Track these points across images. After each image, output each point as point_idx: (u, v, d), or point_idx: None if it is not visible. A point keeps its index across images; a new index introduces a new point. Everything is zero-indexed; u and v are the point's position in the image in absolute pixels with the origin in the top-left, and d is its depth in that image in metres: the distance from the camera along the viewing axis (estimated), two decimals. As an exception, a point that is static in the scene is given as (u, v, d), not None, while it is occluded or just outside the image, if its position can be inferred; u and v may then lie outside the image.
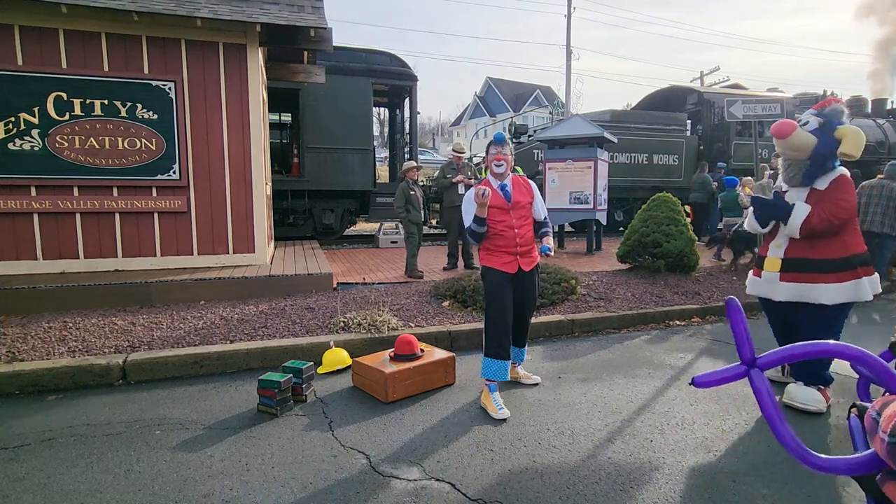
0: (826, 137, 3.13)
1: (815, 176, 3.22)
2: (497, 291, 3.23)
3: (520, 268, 3.27)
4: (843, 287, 3.13)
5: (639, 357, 4.29)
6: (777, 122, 3.27)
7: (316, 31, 6.05)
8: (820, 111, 3.23)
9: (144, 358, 3.75)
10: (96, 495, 2.29)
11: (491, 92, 48.99)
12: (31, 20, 5.18)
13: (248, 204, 6.12)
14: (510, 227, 3.24)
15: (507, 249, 3.25)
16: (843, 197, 3.14)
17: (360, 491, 2.33)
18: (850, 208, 3.15)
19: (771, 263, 3.39)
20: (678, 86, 15.10)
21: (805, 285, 3.20)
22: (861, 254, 3.20)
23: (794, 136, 3.16)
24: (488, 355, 3.26)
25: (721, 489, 2.37)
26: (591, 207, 8.52)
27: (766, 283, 3.41)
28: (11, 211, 5.33)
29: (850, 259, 3.16)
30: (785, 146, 3.24)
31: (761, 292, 3.50)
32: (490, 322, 3.26)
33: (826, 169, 3.20)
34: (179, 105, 5.71)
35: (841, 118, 3.17)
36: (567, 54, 22.82)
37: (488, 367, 3.25)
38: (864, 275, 3.17)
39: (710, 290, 6.09)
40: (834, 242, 3.17)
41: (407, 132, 11.99)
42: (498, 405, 3.15)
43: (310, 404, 3.31)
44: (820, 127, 3.16)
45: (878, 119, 14.51)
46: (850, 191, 3.19)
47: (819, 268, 3.17)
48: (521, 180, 3.41)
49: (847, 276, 3.14)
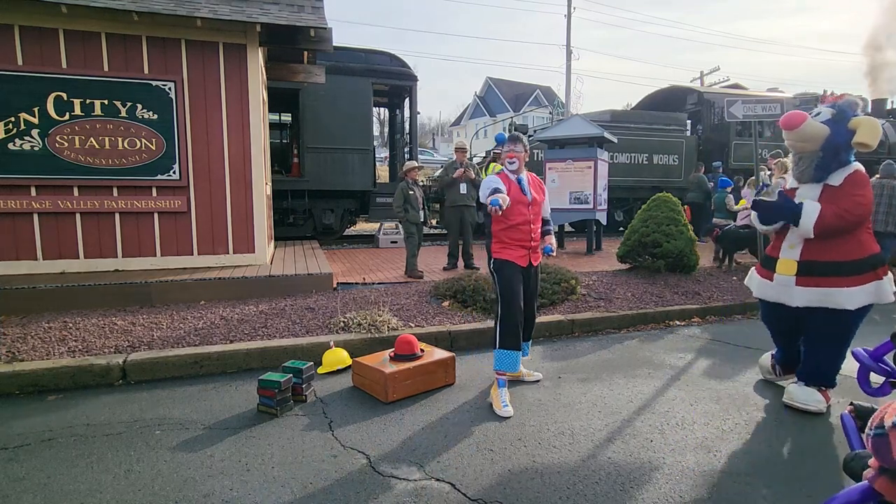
0: (839, 127, 3.00)
1: (829, 169, 3.07)
2: (513, 283, 3.30)
3: (530, 262, 3.40)
4: (865, 289, 3.00)
5: (639, 357, 4.29)
6: (786, 113, 3.15)
7: (316, 31, 6.05)
8: (833, 103, 3.13)
9: (144, 358, 3.75)
10: (96, 495, 2.29)
11: (491, 92, 49.00)
12: (31, 20, 5.18)
13: (248, 204, 6.11)
14: (528, 222, 3.34)
15: (522, 243, 3.35)
16: (859, 192, 2.99)
17: (360, 491, 2.33)
18: (868, 205, 3.02)
19: (785, 266, 3.19)
20: (678, 86, 15.10)
21: (826, 290, 3.03)
22: (878, 254, 3.08)
23: (805, 126, 3.03)
24: (504, 347, 3.30)
25: (721, 489, 2.37)
26: (591, 207, 8.52)
27: (780, 286, 3.22)
28: (11, 211, 5.33)
29: (869, 259, 3.03)
30: (795, 137, 3.10)
31: (773, 297, 3.30)
32: (506, 313, 3.31)
33: (841, 162, 3.06)
34: (179, 105, 5.71)
35: (856, 109, 3.05)
36: (567, 54, 22.83)
37: (504, 359, 3.30)
38: (883, 275, 3.04)
39: (710, 290, 6.09)
40: (851, 242, 3.03)
41: (407, 132, 12.00)
42: (504, 402, 3.18)
43: (310, 404, 3.31)
44: (833, 117, 3.05)
45: (878, 119, 14.53)
46: (866, 187, 3.04)
47: (840, 271, 3.01)
48: (534, 178, 3.51)
49: (868, 277, 3.01)
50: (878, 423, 1.11)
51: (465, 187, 7.07)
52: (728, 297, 5.98)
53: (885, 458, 1.12)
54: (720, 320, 5.47)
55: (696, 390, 3.56)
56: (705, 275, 6.64)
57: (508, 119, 26.49)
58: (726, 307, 5.73)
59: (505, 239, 3.36)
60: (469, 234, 7.07)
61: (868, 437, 1.14)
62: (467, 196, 7.07)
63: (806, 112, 3.20)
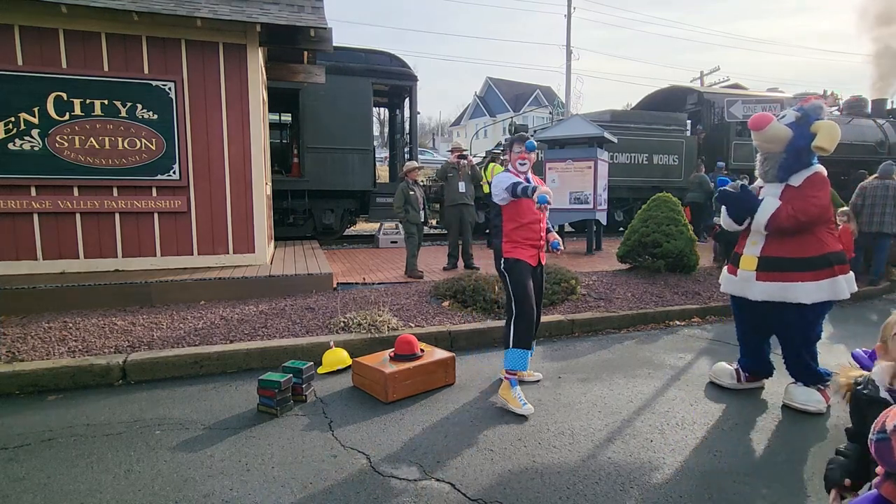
0: (802, 130, 3.13)
1: (791, 170, 3.20)
2: (526, 282, 3.34)
3: (539, 261, 3.48)
4: (821, 285, 3.12)
5: (639, 357, 4.29)
6: (754, 115, 3.29)
7: (316, 31, 6.05)
8: (800, 107, 3.24)
9: (144, 358, 3.75)
10: (96, 495, 2.29)
11: (491, 92, 48.99)
12: (31, 20, 5.18)
13: (248, 204, 6.11)
14: (537, 220, 3.41)
15: (533, 242, 3.41)
16: (814, 194, 3.12)
17: (360, 491, 2.33)
18: (821, 206, 3.13)
19: (747, 262, 3.34)
20: (678, 86, 15.10)
21: (782, 284, 3.18)
22: (837, 252, 3.19)
23: (770, 128, 3.17)
24: (518, 346, 3.30)
25: (721, 489, 2.37)
26: (591, 207, 8.52)
27: (742, 281, 3.37)
28: (11, 211, 5.33)
29: (827, 257, 3.14)
30: (761, 138, 3.24)
31: (737, 291, 3.45)
32: (520, 312, 3.32)
33: (802, 163, 3.19)
34: (179, 105, 5.71)
35: (820, 114, 3.16)
36: (567, 54, 22.82)
37: (518, 358, 3.29)
38: (840, 273, 3.15)
39: (710, 290, 6.09)
40: (810, 240, 3.15)
41: (407, 132, 11.99)
42: (522, 401, 3.18)
43: (310, 404, 3.31)
44: (797, 120, 3.17)
45: (878, 119, 14.52)
46: (824, 188, 3.16)
47: (796, 266, 3.15)
48: (537, 180, 3.54)
49: (824, 274, 3.12)
50: (880, 427, 1.10)
51: (464, 186, 7.06)
52: (728, 297, 5.96)
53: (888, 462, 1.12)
54: (720, 320, 5.47)
55: (696, 390, 3.57)
56: (705, 275, 6.64)
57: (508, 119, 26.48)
58: (726, 307, 5.71)
59: (516, 238, 3.39)
60: (468, 233, 7.07)
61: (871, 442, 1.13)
62: (466, 195, 7.07)
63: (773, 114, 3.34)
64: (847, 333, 5.05)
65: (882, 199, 6.64)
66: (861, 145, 13.54)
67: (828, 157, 3.23)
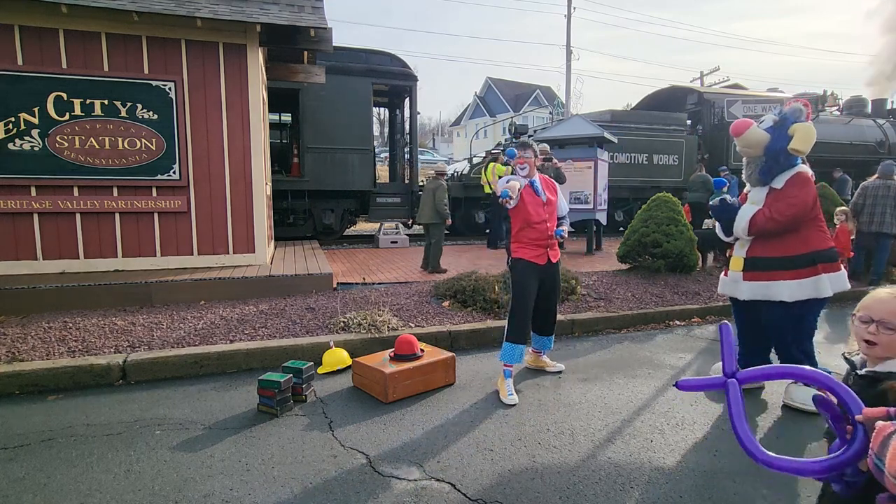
0: (779, 133, 3.17)
1: (772, 172, 3.25)
2: (526, 281, 3.51)
3: (548, 259, 3.58)
4: (802, 283, 3.15)
5: (639, 357, 4.29)
6: (734, 121, 3.36)
7: (316, 31, 6.05)
8: (780, 110, 3.28)
9: (144, 358, 3.75)
10: (96, 495, 2.29)
11: (491, 92, 48.97)
12: (31, 20, 5.18)
13: (248, 204, 6.11)
14: (543, 221, 3.52)
15: (539, 242, 3.54)
16: (794, 194, 3.16)
17: (360, 491, 2.33)
18: (800, 205, 3.15)
19: (735, 263, 3.47)
20: (678, 86, 15.09)
21: (765, 283, 3.25)
22: (824, 250, 3.21)
23: (748, 133, 3.23)
24: (511, 340, 3.48)
25: (721, 489, 2.37)
26: (591, 207, 8.53)
27: (732, 282, 3.49)
28: (11, 211, 5.33)
29: (810, 255, 3.17)
30: (741, 143, 3.30)
31: (728, 291, 3.56)
32: (518, 308, 3.51)
33: (781, 166, 3.22)
34: (179, 105, 5.71)
35: (799, 116, 3.18)
36: (567, 54, 22.80)
37: (511, 351, 3.47)
38: (823, 271, 3.17)
39: (710, 290, 6.08)
40: (793, 239, 3.20)
41: (407, 132, 11.99)
42: (509, 391, 3.37)
43: (310, 404, 3.31)
44: (775, 124, 3.22)
45: (878, 119, 14.52)
46: (805, 188, 3.18)
47: (778, 265, 3.21)
48: (547, 180, 3.72)
49: (806, 272, 3.16)
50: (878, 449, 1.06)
51: None
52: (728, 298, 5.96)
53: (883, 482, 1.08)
54: (720, 320, 5.46)
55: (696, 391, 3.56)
56: (705, 275, 6.63)
57: (508, 119, 26.48)
58: (726, 307, 5.71)
59: (522, 238, 3.56)
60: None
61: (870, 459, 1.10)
62: None
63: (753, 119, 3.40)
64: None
65: (883, 199, 6.63)
66: (861, 145, 13.55)
67: (827, 157, 3.25)
